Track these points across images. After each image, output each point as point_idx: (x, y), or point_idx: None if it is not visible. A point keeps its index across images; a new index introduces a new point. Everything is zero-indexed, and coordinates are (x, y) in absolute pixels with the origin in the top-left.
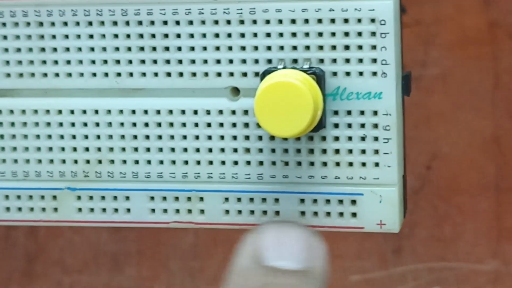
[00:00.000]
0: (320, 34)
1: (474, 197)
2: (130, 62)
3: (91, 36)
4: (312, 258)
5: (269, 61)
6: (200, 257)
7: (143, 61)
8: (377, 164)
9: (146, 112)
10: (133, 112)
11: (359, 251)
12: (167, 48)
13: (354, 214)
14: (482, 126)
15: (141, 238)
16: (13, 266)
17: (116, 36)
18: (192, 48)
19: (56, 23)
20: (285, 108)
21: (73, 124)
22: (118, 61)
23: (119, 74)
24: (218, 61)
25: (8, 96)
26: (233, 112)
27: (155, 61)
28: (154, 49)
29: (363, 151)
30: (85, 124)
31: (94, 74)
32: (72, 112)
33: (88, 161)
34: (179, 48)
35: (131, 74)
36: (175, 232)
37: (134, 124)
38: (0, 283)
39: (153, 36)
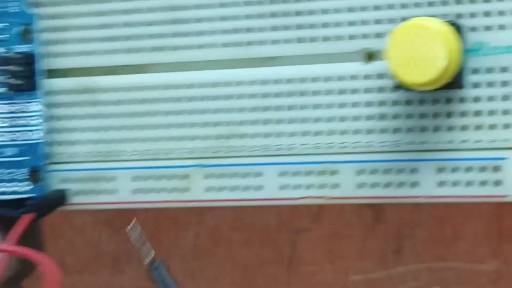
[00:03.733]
0: None
1: None
2: (262, 29)
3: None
4: None
5: (404, 19)
6: (200, 257)
7: (274, 28)
8: None
9: (277, 81)
10: (264, 82)
11: (360, 251)
12: (298, 13)
13: (497, 182)
14: None
15: None
16: None
17: (247, 3)
18: (325, 11)
19: None
20: (419, 51)
21: (203, 98)
22: (249, 29)
23: (250, 43)
24: (352, 23)
25: (139, 73)
26: (367, 77)
27: (286, 27)
28: (285, 14)
29: (506, 112)
30: (216, 98)
31: (226, 44)
32: (202, 85)
33: (218, 136)
34: (311, 12)
35: (262, 43)
36: (175, 232)
37: (265, 95)
38: None
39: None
